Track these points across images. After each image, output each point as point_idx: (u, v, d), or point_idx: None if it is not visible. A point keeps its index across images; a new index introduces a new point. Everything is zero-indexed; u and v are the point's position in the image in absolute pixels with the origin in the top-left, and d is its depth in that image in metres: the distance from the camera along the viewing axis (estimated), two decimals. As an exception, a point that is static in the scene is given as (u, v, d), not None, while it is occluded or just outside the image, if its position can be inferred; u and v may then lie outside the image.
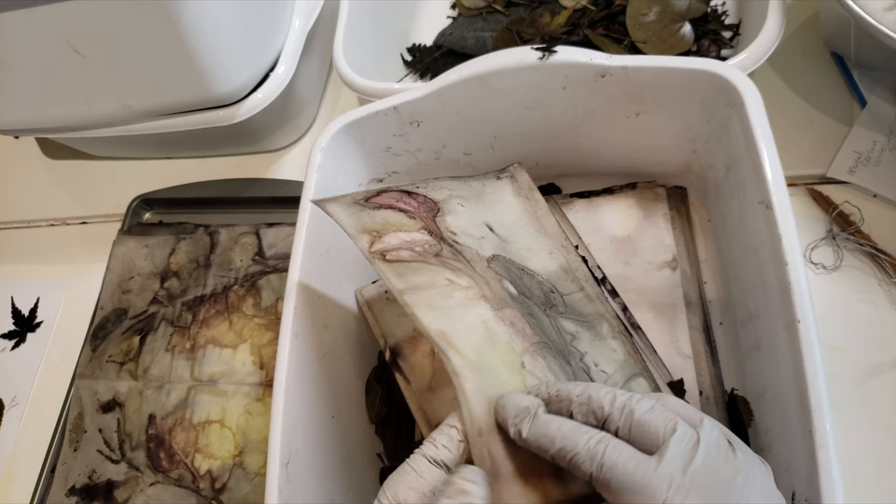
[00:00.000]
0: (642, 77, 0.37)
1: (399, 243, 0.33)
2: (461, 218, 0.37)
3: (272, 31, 0.55)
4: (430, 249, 0.33)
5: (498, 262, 0.36)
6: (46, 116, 0.56)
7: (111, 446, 0.51)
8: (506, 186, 0.41)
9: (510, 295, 0.33)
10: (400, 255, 0.32)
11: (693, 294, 0.42)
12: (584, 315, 0.37)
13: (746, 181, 0.35)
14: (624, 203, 0.46)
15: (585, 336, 0.36)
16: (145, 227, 0.63)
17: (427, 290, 0.31)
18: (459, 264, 0.33)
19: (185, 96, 0.52)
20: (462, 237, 0.35)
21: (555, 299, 0.37)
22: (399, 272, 0.31)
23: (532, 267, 0.38)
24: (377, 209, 0.34)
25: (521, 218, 0.40)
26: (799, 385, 0.28)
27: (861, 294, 0.42)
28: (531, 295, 0.35)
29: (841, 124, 0.48)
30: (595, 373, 0.34)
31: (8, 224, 0.70)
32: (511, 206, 0.40)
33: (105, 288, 0.59)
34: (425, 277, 0.31)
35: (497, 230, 0.38)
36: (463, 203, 0.38)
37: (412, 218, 0.35)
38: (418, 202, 0.36)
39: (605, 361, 0.35)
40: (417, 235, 0.34)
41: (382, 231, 0.33)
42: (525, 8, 0.59)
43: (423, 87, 0.40)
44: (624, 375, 0.35)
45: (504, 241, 0.38)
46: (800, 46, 0.53)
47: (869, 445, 0.38)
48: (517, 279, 0.36)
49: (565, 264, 0.39)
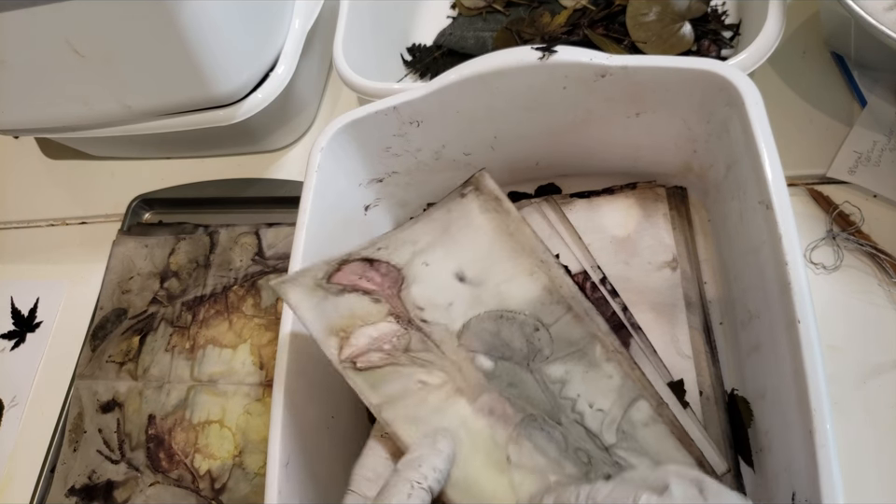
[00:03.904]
0: (642, 76, 0.37)
1: (368, 343, 0.33)
2: (427, 285, 0.36)
3: (271, 31, 0.55)
4: (399, 343, 0.33)
5: (470, 332, 0.35)
6: (45, 116, 0.56)
7: (111, 446, 0.51)
8: (472, 203, 0.39)
9: (485, 374, 0.33)
10: (371, 359, 0.32)
11: (694, 294, 0.42)
12: (574, 341, 0.36)
13: (746, 181, 0.35)
14: (624, 202, 0.46)
15: (577, 373, 0.35)
16: (144, 227, 0.63)
17: (402, 401, 0.31)
18: (429, 355, 0.33)
19: (184, 96, 0.52)
20: (429, 311, 0.35)
21: (540, 339, 0.35)
22: (373, 382, 0.31)
23: (513, 303, 0.36)
24: (341, 293, 0.34)
25: (494, 241, 0.38)
26: (799, 386, 0.28)
27: (862, 294, 0.42)
28: (511, 353, 0.34)
29: (841, 124, 0.48)
30: (591, 417, 0.34)
31: (8, 224, 0.70)
32: (482, 228, 0.38)
33: (105, 288, 0.59)
34: (398, 385, 0.32)
35: (469, 273, 0.37)
36: (428, 261, 0.37)
37: (377, 302, 0.34)
38: (381, 273, 0.36)
39: (600, 396, 0.35)
40: (384, 326, 0.33)
41: (348, 329, 0.33)
42: (525, 8, 0.59)
43: (423, 87, 0.40)
44: (622, 405, 0.35)
45: (478, 285, 0.36)
46: (800, 46, 0.53)
47: (869, 445, 0.38)
48: (494, 338, 0.35)
49: (548, 283, 0.37)
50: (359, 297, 0.34)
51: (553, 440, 0.31)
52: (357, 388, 0.31)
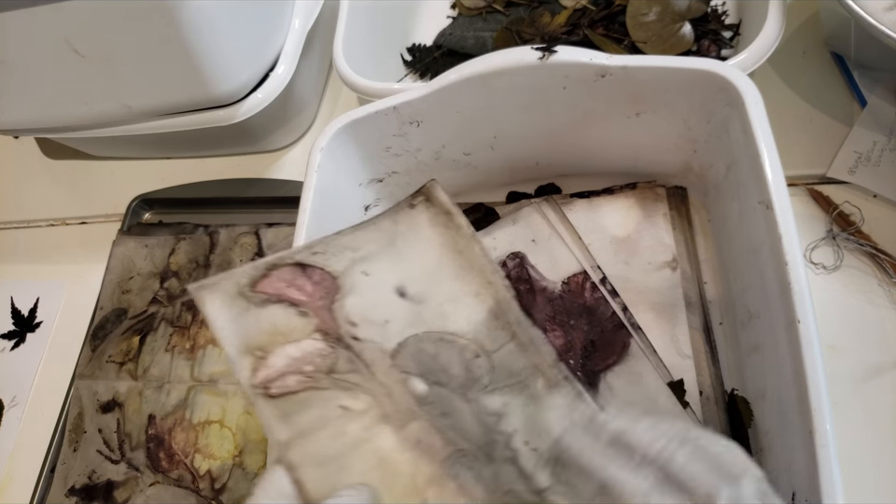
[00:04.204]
0: (642, 76, 0.37)
1: (286, 364, 0.30)
2: (364, 298, 0.33)
3: (271, 31, 0.55)
4: (323, 364, 0.30)
5: (406, 352, 0.32)
6: (45, 116, 0.56)
7: (111, 446, 0.51)
8: (421, 215, 0.37)
9: (417, 400, 0.31)
10: (287, 383, 0.29)
11: (693, 294, 0.42)
12: (516, 372, 0.33)
13: (746, 181, 0.35)
14: (624, 203, 0.46)
15: (516, 406, 0.32)
16: (144, 227, 0.63)
17: (316, 434, 0.28)
18: (357, 377, 0.31)
19: (184, 96, 0.52)
20: (363, 328, 0.32)
21: (480, 367, 0.33)
22: (286, 411, 0.29)
23: (455, 325, 0.34)
24: (264, 304, 0.31)
25: (441, 257, 0.36)
26: (799, 386, 0.28)
27: (862, 294, 0.42)
28: (448, 380, 0.32)
29: (841, 124, 0.48)
30: (524, 456, 0.31)
31: (8, 224, 0.70)
32: (430, 243, 0.36)
33: (105, 288, 0.59)
34: (314, 413, 0.29)
35: (411, 289, 0.34)
36: (368, 271, 0.34)
37: (303, 316, 0.32)
38: (314, 282, 0.33)
39: (537, 435, 0.31)
40: (308, 345, 0.31)
41: (267, 348, 0.30)
42: (525, 8, 0.59)
43: (423, 87, 0.40)
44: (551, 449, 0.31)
45: (419, 302, 0.34)
46: (800, 46, 0.53)
47: (869, 445, 0.38)
48: (431, 362, 0.32)
49: (494, 306, 0.34)
50: (285, 309, 0.32)
51: (482, 480, 0.29)
52: (264, 421, 0.28)
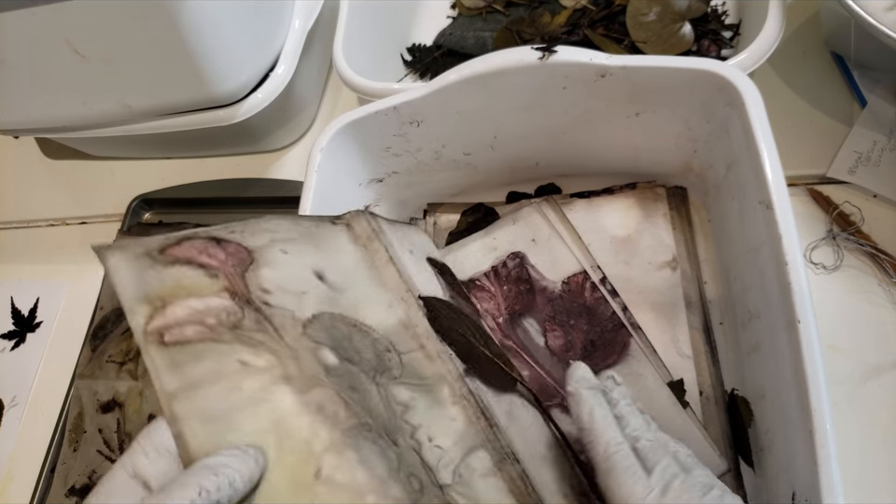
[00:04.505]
0: (642, 76, 0.37)
1: (187, 314, 0.27)
2: (280, 270, 0.31)
3: (271, 31, 0.55)
4: (227, 320, 0.28)
5: (320, 324, 0.30)
6: (45, 116, 0.56)
7: (111, 446, 0.51)
8: (341, 233, 0.36)
9: (325, 368, 0.28)
10: (185, 332, 0.26)
11: (694, 294, 0.42)
12: (423, 377, 0.33)
13: (746, 181, 0.35)
14: (624, 202, 0.46)
15: (421, 404, 0.32)
16: (144, 227, 0.62)
17: (208, 387, 0.25)
18: (262, 336, 0.28)
19: (184, 96, 0.52)
20: (277, 295, 0.30)
21: (391, 360, 0.32)
22: (176, 360, 0.26)
23: (369, 321, 0.33)
24: (171, 264, 0.28)
25: (358, 265, 0.35)
26: (799, 386, 0.28)
27: (862, 294, 0.42)
28: (359, 360, 0.31)
29: (841, 124, 0.48)
30: (428, 450, 0.30)
31: (8, 224, 0.70)
32: (348, 252, 0.36)
33: (105, 288, 0.59)
34: (209, 365, 0.26)
35: (329, 276, 0.33)
36: (287, 250, 0.33)
37: (212, 277, 0.29)
38: (227, 252, 0.30)
39: (442, 434, 0.31)
40: (214, 301, 0.28)
41: (168, 299, 0.27)
42: (525, 8, 0.59)
43: (423, 87, 0.40)
44: (463, 449, 0.31)
45: (337, 290, 0.33)
46: (800, 46, 0.53)
47: (869, 445, 0.38)
48: (343, 340, 0.31)
49: (405, 319, 0.34)
50: (193, 269, 0.29)
51: (385, 457, 0.27)
52: (153, 368, 0.25)
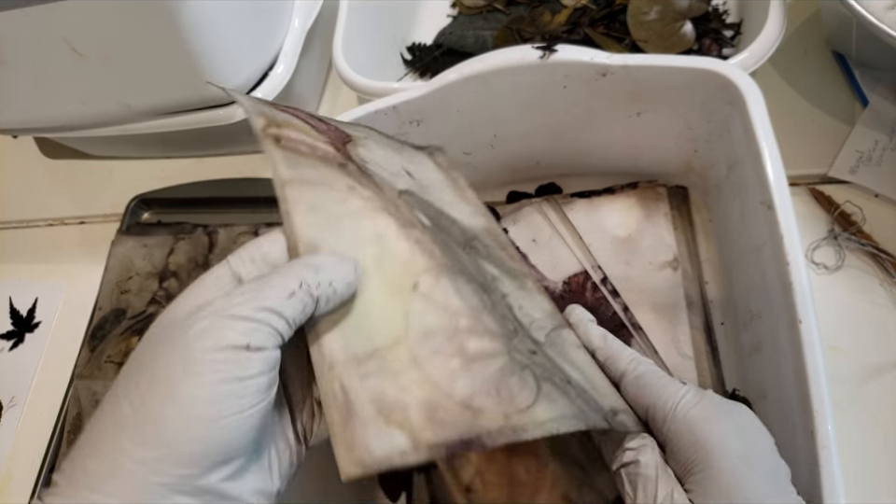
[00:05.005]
0: (643, 75, 0.37)
1: (300, 139, 0.27)
2: (375, 153, 0.32)
3: (271, 30, 0.54)
4: (334, 159, 0.28)
5: (413, 198, 0.30)
6: (44, 115, 0.56)
7: (110, 447, 0.51)
8: (424, 156, 0.37)
9: (421, 224, 0.28)
10: (299, 147, 0.27)
11: (695, 294, 0.42)
12: (509, 268, 0.33)
13: (747, 181, 0.35)
14: (625, 202, 0.46)
15: (509, 283, 0.31)
16: (143, 227, 0.62)
17: (319, 188, 0.25)
18: (366, 181, 0.28)
19: (184, 95, 0.52)
20: (374, 166, 0.30)
21: (478, 245, 0.32)
22: (291, 160, 0.26)
23: (454, 216, 0.33)
24: (282, 111, 0.29)
25: (442, 180, 0.35)
26: (800, 386, 0.28)
27: (863, 294, 0.42)
28: (449, 233, 0.30)
29: (843, 123, 0.48)
30: (520, 315, 0.29)
31: (6, 224, 0.70)
32: (431, 169, 0.36)
33: (104, 289, 0.59)
34: (320, 174, 0.26)
35: (416, 175, 0.33)
36: (378, 144, 0.33)
37: (318, 131, 0.29)
38: (328, 125, 0.31)
39: (531, 308, 0.31)
40: (321, 144, 0.28)
41: (282, 124, 0.27)
42: (526, 7, 0.59)
43: (422, 86, 0.40)
44: (553, 323, 0.31)
45: (424, 188, 0.33)
46: (801, 45, 0.53)
47: (871, 446, 0.38)
48: (434, 218, 0.31)
49: (488, 226, 0.35)
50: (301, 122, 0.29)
51: (478, 294, 0.26)
52: (271, 158, 0.25)
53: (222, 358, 0.20)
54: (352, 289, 0.23)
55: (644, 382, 0.27)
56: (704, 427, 0.25)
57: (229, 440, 0.20)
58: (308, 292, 0.21)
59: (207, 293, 0.22)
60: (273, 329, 0.21)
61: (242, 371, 0.20)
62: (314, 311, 0.22)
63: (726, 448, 0.24)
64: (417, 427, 0.21)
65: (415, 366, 0.23)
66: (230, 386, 0.20)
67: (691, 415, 0.25)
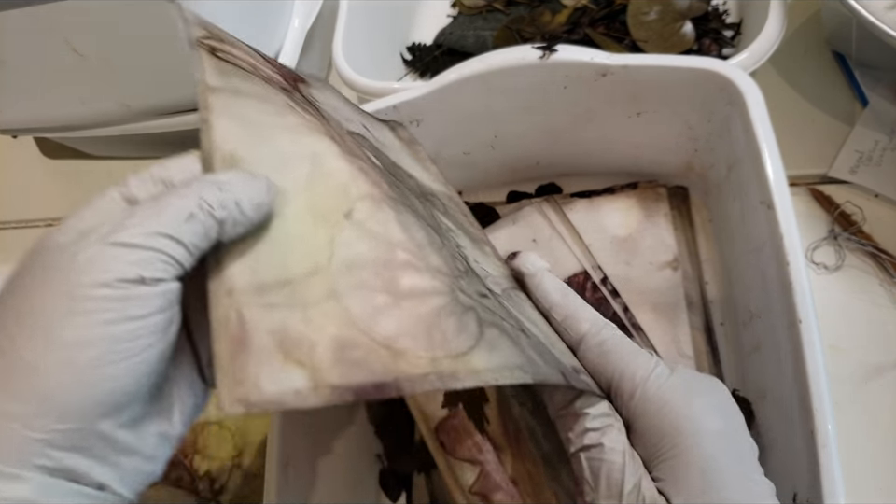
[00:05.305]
0: (643, 75, 0.37)
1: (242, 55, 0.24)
2: (330, 99, 0.29)
3: (271, 30, 0.54)
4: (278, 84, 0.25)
5: (365, 141, 0.27)
6: (44, 115, 0.56)
7: (110, 447, 0.51)
8: (385, 128, 0.35)
9: (370, 161, 0.25)
10: (238, 63, 0.24)
11: (695, 294, 0.42)
12: (468, 230, 0.30)
13: (747, 181, 0.35)
14: (625, 202, 0.46)
15: (466, 240, 0.29)
16: (143, 226, 0.62)
17: (251, 99, 0.23)
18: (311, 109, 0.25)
19: (184, 95, 0.52)
20: (325, 107, 0.27)
21: (435, 201, 0.29)
22: (225, 70, 0.23)
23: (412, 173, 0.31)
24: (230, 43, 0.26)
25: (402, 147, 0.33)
26: (800, 386, 0.28)
27: (863, 294, 0.42)
28: (403, 181, 0.28)
29: (843, 123, 0.48)
30: (475, 267, 0.27)
31: (6, 224, 0.70)
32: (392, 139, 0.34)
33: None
34: (256, 88, 0.23)
35: (374, 133, 0.30)
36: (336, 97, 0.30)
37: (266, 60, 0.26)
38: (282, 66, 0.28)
39: (487, 265, 0.28)
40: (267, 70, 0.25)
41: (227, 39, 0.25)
42: (526, 7, 0.59)
43: (422, 86, 0.40)
44: (510, 284, 0.28)
45: (380, 143, 0.30)
46: (801, 45, 0.53)
47: (871, 446, 0.38)
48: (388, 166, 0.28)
49: (448, 193, 0.32)
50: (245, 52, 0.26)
51: (426, 231, 0.23)
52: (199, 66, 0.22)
53: (111, 295, 0.17)
54: (263, 211, 0.20)
55: (608, 348, 0.24)
56: (680, 403, 0.22)
57: (122, 388, 0.17)
58: (210, 214, 0.18)
59: (97, 217, 0.19)
60: (170, 258, 0.18)
61: (135, 308, 0.17)
62: (217, 235, 0.19)
63: (704, 428, 0.22)
64: (322, 366, 0.18)
65: (332, 299, 0.19)
66: (121, 327, 0.17)
67: (664, 390, 0.22)
